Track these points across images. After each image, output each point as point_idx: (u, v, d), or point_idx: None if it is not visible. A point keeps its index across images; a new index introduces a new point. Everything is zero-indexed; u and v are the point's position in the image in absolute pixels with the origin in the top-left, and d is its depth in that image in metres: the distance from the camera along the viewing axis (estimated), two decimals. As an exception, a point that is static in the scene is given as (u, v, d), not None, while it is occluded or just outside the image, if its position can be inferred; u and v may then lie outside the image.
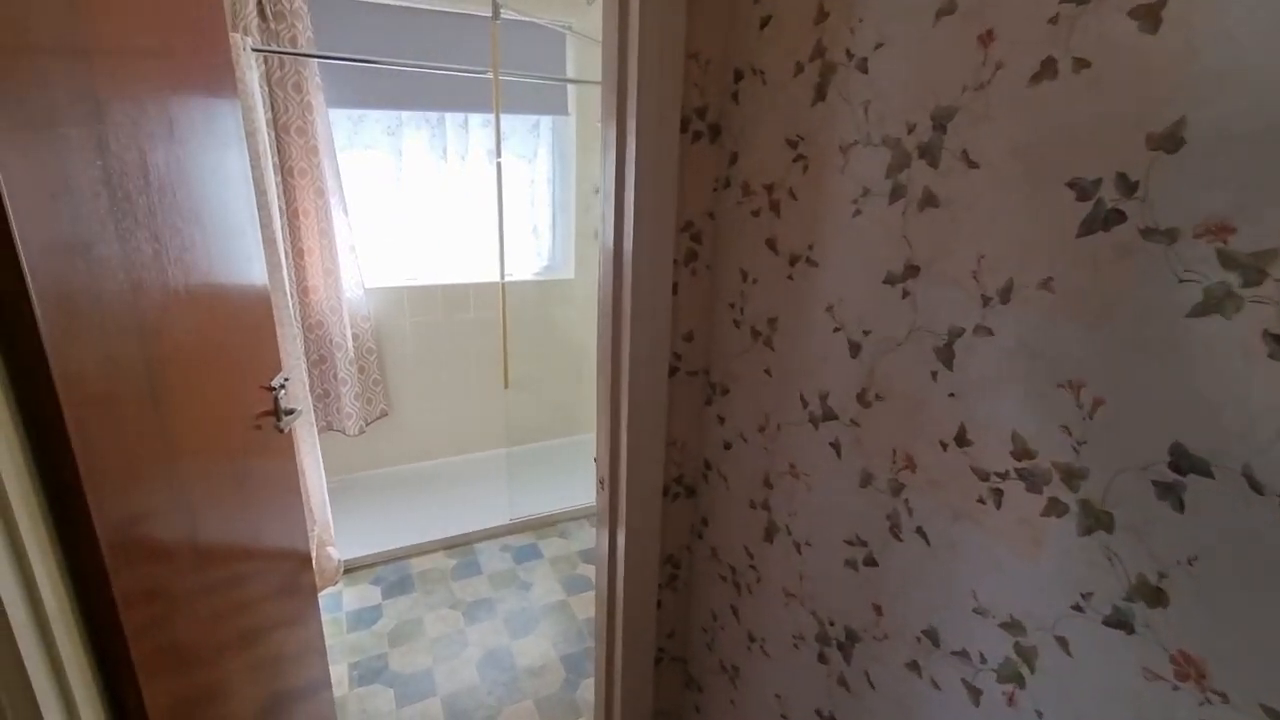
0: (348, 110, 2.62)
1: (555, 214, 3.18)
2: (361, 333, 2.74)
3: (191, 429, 1.00)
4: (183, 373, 0.98)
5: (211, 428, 1.07)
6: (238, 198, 1.25)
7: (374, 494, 2.89)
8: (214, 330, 1.10)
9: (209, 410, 1.07)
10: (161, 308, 0.91)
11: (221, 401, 1.12)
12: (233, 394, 1.17)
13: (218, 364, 1.12)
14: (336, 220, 2.53)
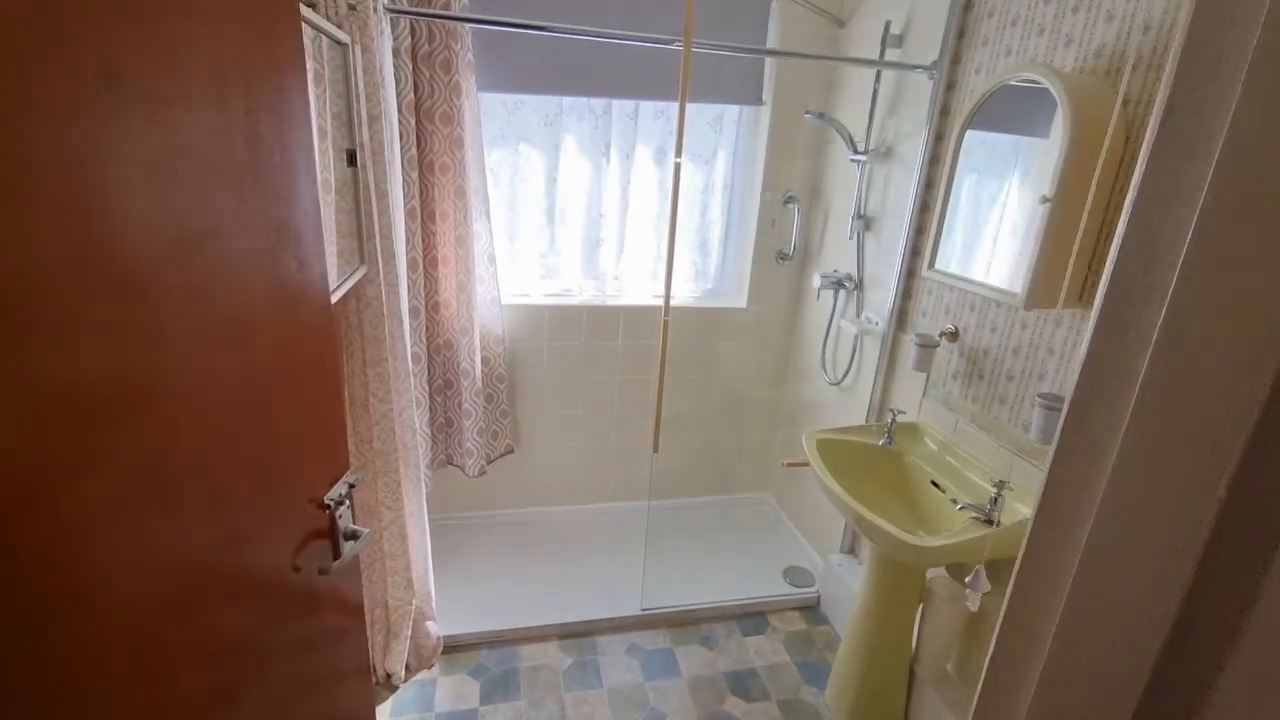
0: (502, 96, 2.21)
1: (729, 228, 2.58)
2: (493, 357, 2.33)
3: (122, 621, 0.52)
4: (122, 499, 0.51)
5: (174, 608, 0.60)
6: (281, 202, 0.78)
7: (487, 542, 2.48)
8: (212, 413, 0.63)
9: (181, 560, 0.60)
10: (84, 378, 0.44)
11: (214, 541, 0.65)
12: (244, 522, 0.70)
13: (219, 470, 0.65)
14: (476, 225, 2.13)
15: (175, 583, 0.61)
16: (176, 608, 0.61)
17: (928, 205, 1.83)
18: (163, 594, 0.59)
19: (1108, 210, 1.27)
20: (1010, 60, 1.53)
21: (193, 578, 0.63)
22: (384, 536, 1.71)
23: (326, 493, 0.86)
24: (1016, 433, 1.51)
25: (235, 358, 0.68)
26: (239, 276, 0.67)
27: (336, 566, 0.85)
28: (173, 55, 0.58)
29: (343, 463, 0.90)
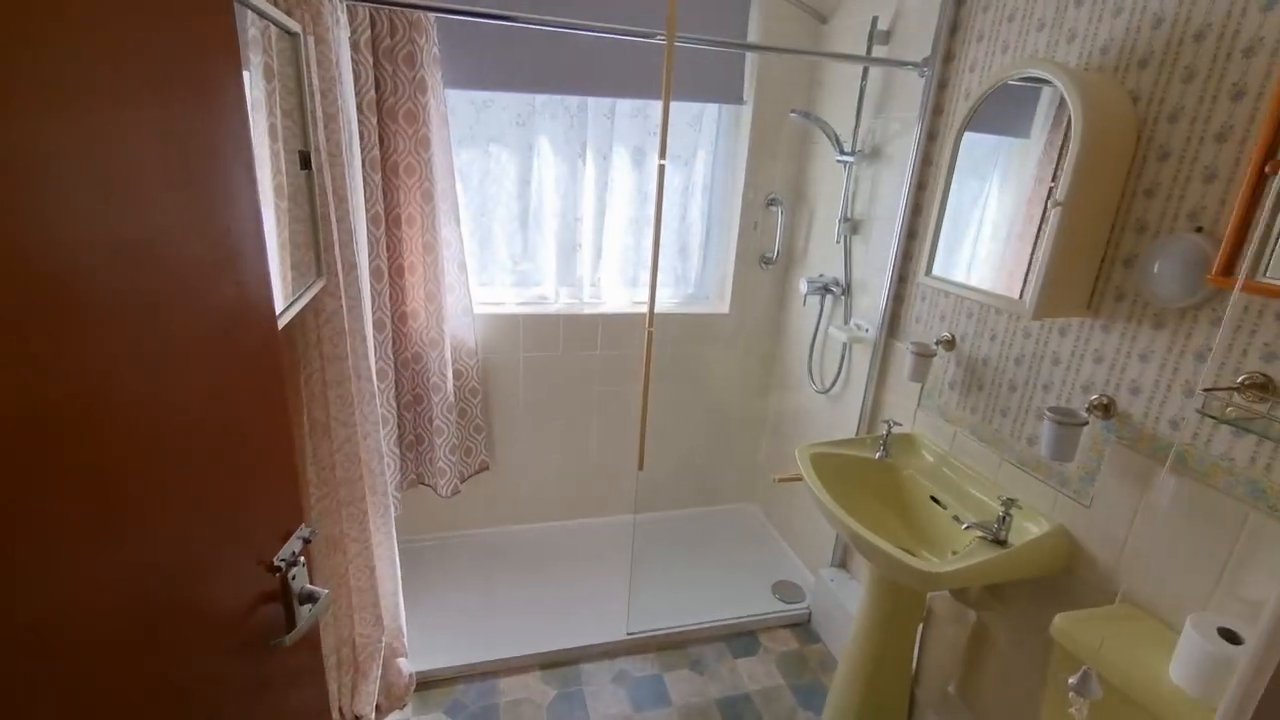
0: (470, 93, 2.08)
1: (710, 231, 2.49)
2: (466, 369, 2.20)
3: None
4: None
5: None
6: (212, 213, 0.66)
7: (461, 565, 2.35)
8: (115, 465, 0.51)
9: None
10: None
11: (128, 619, 0.53)
12: (169, 593, 0.58)
13: (137, 531, 0.53)
14: (445, 231, 2.00)
15: (109, 626, 0.48)
16: (106, 655, 0.49)
17: (920, 208, 1.76)
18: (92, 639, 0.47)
19: (1117, 214, 1.21)
20: (1007, 57, 1.47)
21: (113, 645, 0.51)
22: (349, 570, 1.58)
23: (277, 552, 0.73)
24: (1020, 446, 1.45)
25: (153, 398, 0.55)
26: (154, 303, 0.55)
27: (291, 638, 0.73)
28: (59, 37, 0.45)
29: (294, 515, 0.78)
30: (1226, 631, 0.99)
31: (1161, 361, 1.15)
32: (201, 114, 0.61)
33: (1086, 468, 1.29)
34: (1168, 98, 1.12)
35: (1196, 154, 1.08)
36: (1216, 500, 1.06)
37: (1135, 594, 1.19)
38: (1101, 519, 1.26)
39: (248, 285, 0.69)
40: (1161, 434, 1.15)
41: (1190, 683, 0.99)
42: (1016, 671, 1.48)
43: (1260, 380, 0.99)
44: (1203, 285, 1.05)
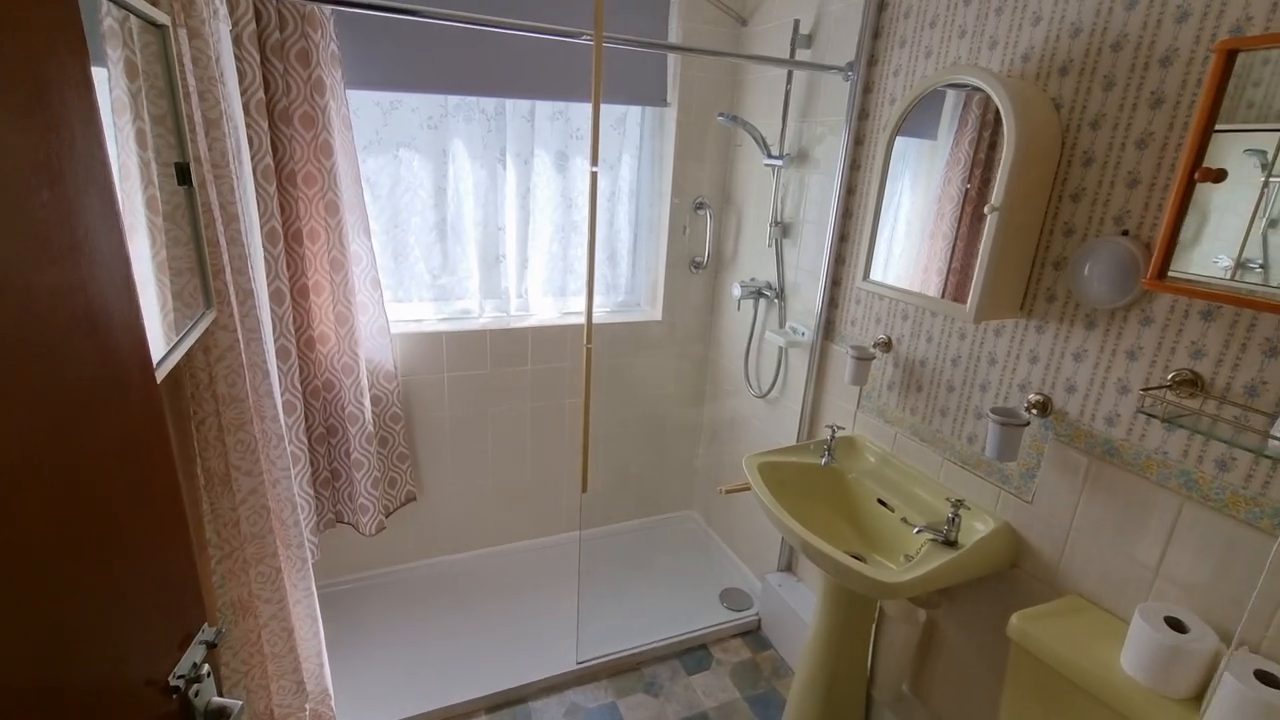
0: (375, 94, 1.91)
1: (638, 237, 2.43)
2: (385, 394, 2.02)
3: None
4: None
5: None
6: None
7: (392, 605, 2.17)
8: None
9: None
10: None
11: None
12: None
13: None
14: (354, 245, 1.82)
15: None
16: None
17: (850, 211, 1.77)
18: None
19: (1046, 218, 1.25)
20: (930, 63, 1.49)
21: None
22: (263, 636, 1.39)
23: (174, 667, 0.59)
24: (961, 445, 1.48)
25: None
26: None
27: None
28: None
29: (194, 614, 0.64)
30: (1173, 620, 1.03)
31: (1095, 360, 1.18)
32: (32, 121, 0.47)
33: (1027, 464, 1.32)
34: (1089, 105, 1.16)
35: (1119, 160, 1.12)
36: (1151, 492, 1.11)
37: (1081, 586, 1.23)
38: (1044, 514, 1.30)
39: (112, 337, 0.54)
40: (1098, 430, 1.19)
41: (1142, 672, 1.03)
42: (968, 666, 1.51)
43: (1189, 377, 1.04)
44: (1133, 287, 1.09)
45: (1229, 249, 0.94)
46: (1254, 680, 0.92)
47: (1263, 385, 0.96)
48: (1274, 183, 0.89)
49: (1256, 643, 0.99)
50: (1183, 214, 0.94)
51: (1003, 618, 1.35)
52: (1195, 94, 1.01)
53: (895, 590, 1.26)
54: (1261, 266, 0.92)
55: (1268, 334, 0.95)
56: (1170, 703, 0.99)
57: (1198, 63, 1.00)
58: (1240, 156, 0.91)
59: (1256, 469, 0.97)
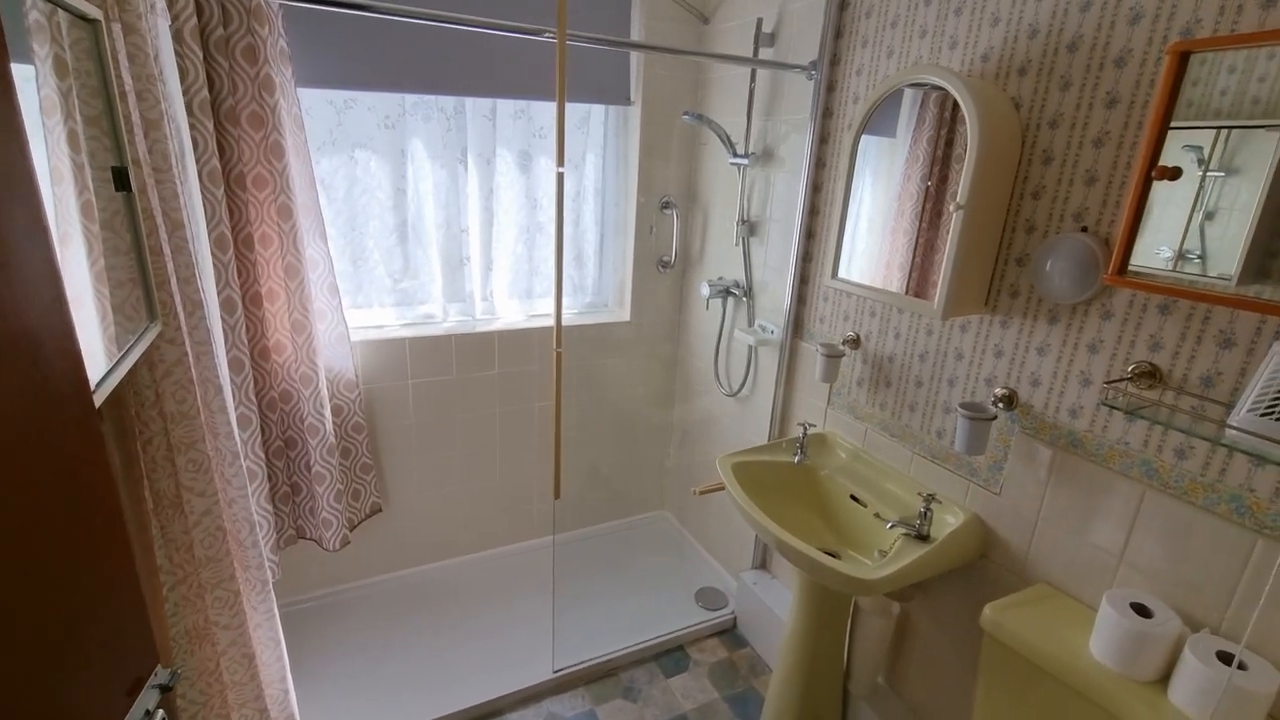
0: (328, 93, 1.84)
1: (605, 237, 2.40)
2: (347, 404, 1.95)
3: None
4: None
5: None
6: None
7: (360, 621, 2.10)
8: None
9: None
10: None
11: None
12: None
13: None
14: (310, 250, 1.75)
15: None
16: None
17: (816, 209, 1.78)
18: None
19: (1008, 215, 1.27)
20: (892, 62, 1.50)
21: None
22: (222, 664, 1.32)
23: (125, 715, 0.55)
24: (930, 439, 1.50)
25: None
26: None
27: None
28: None
29: (145, 656, 0.59)
30: (1138, 606, 1.06)
31: (1058, 354, 1.21)
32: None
33: (994, 457, 1.35)
34: (1047, 104, 1.18)
35: (1077, 158, 1.14)
36: (1114, 481, 1.14)
37: (1049, 574, 1.26)
38: (1012, 505, 1.32)
39: (42, 361, 0.50)
40: (1062, 422, 1.21)
41: (1110, 657, 1.05)
42: (941, 657, 1.53)
43: (1148, 369, 1.07)
44: (1093, 283, 1.11)
45: (1171, 241, 0.97)
46: (1215, 661, 0.95)
47: (1218, 376, 0.99)
48: (1210, 178, 0.93)
49: (1217, 624, 1.02)
50: (1141, 211, 0.97)
51: (974, 608, 1.38)
52: (1149, 94, 1.03)
53: (872, 587, 1.27)
54: (1200, 258, 0.95)
55: (1221, 326, 0.98)
56: (1138, 686, 1.02)
57: (1150, 64, 1.03)
58: (1179, 153, 0.94)
59: (1213, 457, 1.01)
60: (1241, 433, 0.87)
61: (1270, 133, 0.87)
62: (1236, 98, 0.89)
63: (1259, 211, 0.89)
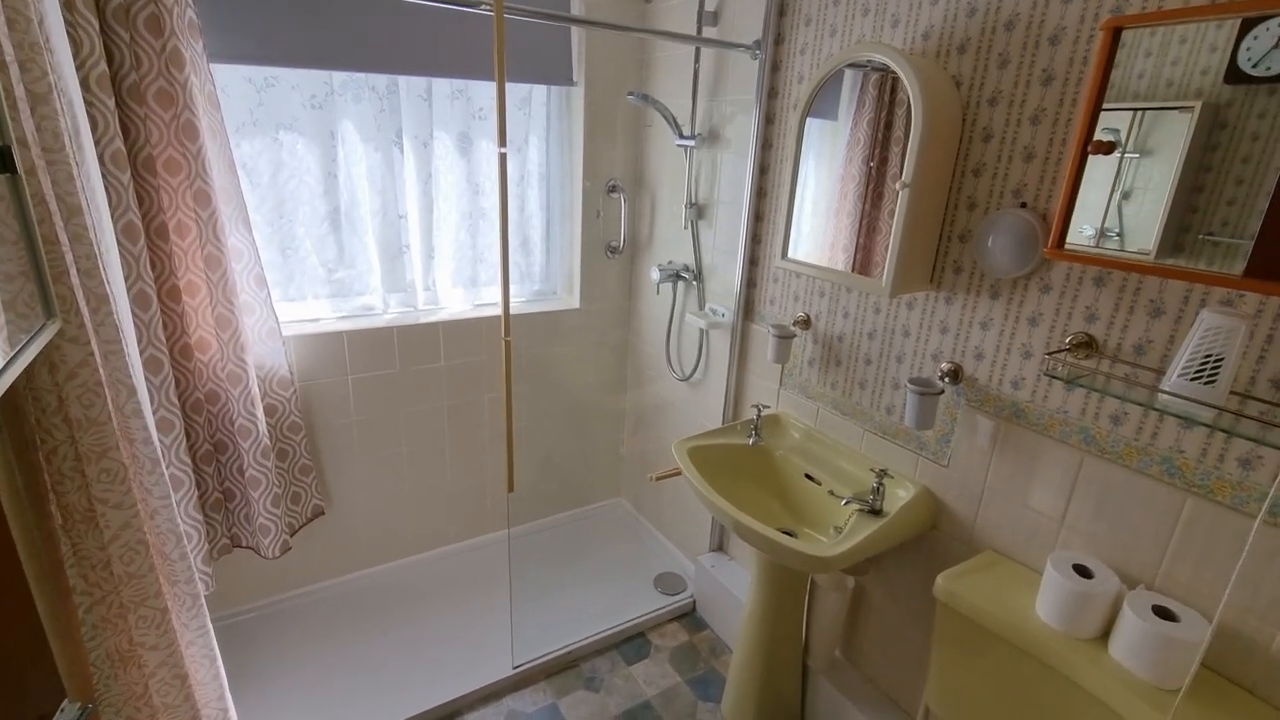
0: (246, 69, 1.71)
1: (551, 223, 2.34)
2: (281, 403, 1.84)
3: None
4: None
5: None
6: None
7: (306, 631, 2.00)
8: None
9: None
10: None
11: None
12: None
13: None
14: (233, 239, 1.63)
15: None
16: None
17: (764, 191, 1.78)
18: None
19: (950, 193, 1.29)
20: (835, 41, 1.50)
21: None
22: (151, 687, 1.23)
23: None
24: (880, 415, 1.52)
25: None
26: None
27: None
28: None
29: (48, 692, 0.52)
30: (1080, 567, 1.10)
31: (1000, 328, 1.24)
32: None
33: (942, 430, 1.38)
34: (986, 82, 1.20)
35: (1015, 135, 1.17)
36: (1055, 449, 1.18)
37: (996, 542, 1.31)
38: (959, 477, 1.36)
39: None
40: (1005, 394, 1.25)
41: (1055, 617, 1.10)
42: (896, 627, 1.57)
43: (1085, 340, 1.11)
44: (1033, 257, 1.14)
45: (1093, 221, 1.01)
46: (1152, 615, 1.00)
47: (1149, 344, 1.03)
48: (1128, 158, 0.97)
49: (1152, 580, 1.07)
50: (1078, 185, 0.99)
51: (926, 578, 1.42)
52: (1082, 71, 1.06)
53: (829, 564, 1.28)
54: (1119, 235, 0.99)
55: (1151, 296, 1.02)
56: (1081, 643, 1.07)
57: (1083, 41, 1.05)
58: (1099, 134, 0.97)
59: (1145, 421, 1.05)
60: (1173, 396, 0.91)
61: (1182, 114, 0.91)
62: (1152, 80, 0.92)
63: (1173, 190, 0.93)
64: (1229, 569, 0.98)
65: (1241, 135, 0.86)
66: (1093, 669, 1.02)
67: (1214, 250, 0.90)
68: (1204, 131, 0.90)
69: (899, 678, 1.59)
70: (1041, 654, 1.08)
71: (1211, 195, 0.90)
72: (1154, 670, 0.98)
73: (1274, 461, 0.92)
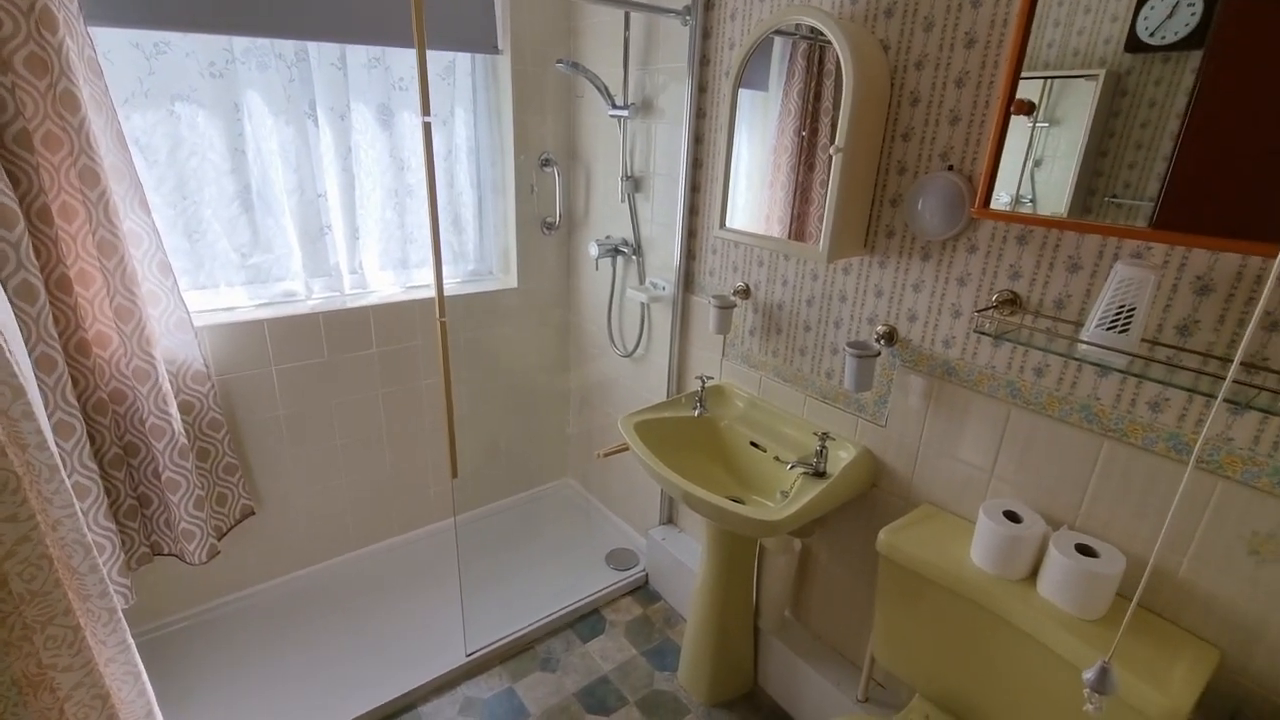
0: (132, 33, 1.55)
1: (483, 199, 2.26)
2: (197, 399, 1.72)
3: None
4: None
5: None
6: None
7: (245, 638, 1.90)
8: None
9: None
10: None
11: None
12: None
13: None
14: (129, 223, 1.50)
15: None
16: None
17: (700, 161, 1.76)
18: None
19: (881, 157, 1.31)
20: (765, 6, 1.49)
21: None
22: (66, 712, 1.13)
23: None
24: (820, 380, 1.56)
25: None
26: None
27: None
28: None
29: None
30: (1010, 513, 1.16)
31: (931, 289, 1.28)
32: None
33: (879, 391, 1.42)
34: (913, 46, 1.22)
35: (941, 98, 1.19)
36: (984, 403, 1.23)
37: (932, 495, 1.36)
38: (897, 435, 1.41)
39: None
40: (937, 353, 1.29)
41: (988, 562, 1.15)
42: (841, 584, 1.63)
43: (1010, 297, 1.15)
44: (961, 218, 1.18)
45: (1009, 188, 1.05)
46: (1075, 553, 1.06)
47: (1068, 298, 1.08)
48: (1039, 128, 1.00)
49: (1074, 520, 1.14)
50: (1002, 145, 1.02)
51: (868, 534, 1.47)
52: (1003, 33, 1.09)
53: (776, 527, 1.30)
54: (1031, 201, 1.04)
55: (1069, 253, 1.07)
56: (1012, 584, 1.13)
57: (1005, 2, 1.08)
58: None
59: (1065, 372, 1.11)
60: (1091, 346, 0.96)
61: (1088, 82, 0.95)
62: (1060, 49, 0.96)
63: (1080, 156, 0.97)
64: (1142, 505, 1.05)
65: (1140, 101, 0.91)
66: (1023, 607, 1.08)
67: (1118, 212, 0.95)
68: (1107, 99, 0.94)
69: (846, 632, 1.65)
70: (977, 597, 1.14)
71: (1115, 160, 0.94)
72: (1078, 604, 1.05)
73: (1180, 403, 0.99)
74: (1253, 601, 0.96)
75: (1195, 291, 0.95)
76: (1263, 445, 0.92)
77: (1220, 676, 1.00)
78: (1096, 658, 0.82)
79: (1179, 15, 0.85)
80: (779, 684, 1.77)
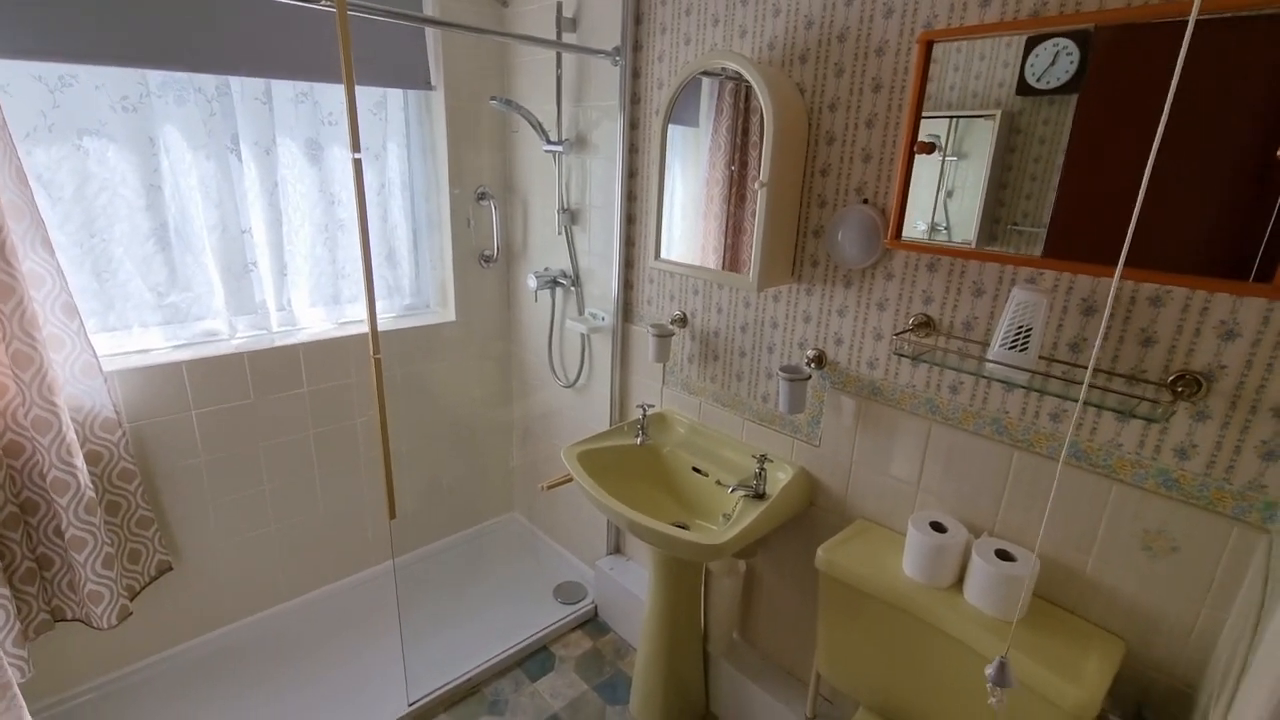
0: (33, 66, 1.47)
1: (418, 233, 2.24)
2: (107, 449, 1.61)
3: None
4: None
5: None
6: None
7: (166, 704, 1.76)
8: None
9: None
10: None
11: None
12: None
13: None
14: (28, 263, 1.41)
15: None
16: None
17: (634, 194, 1.81)
18: None
19: (803, 191, 1.39)
20: (690, 49, 1.56)
21: None
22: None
23: None
24: (757, 404, 1.61)
25: None
26: None
27: None
28: None
29: None
30: (936, 524, 1.23)
31: (854, 314, 1.36)
32: None
33: (812, 413, 1.48)
34: (826, 89, 1.31)
35: (854, 138, 1.28)
36: (907, 420, 1.31)
37: (865, 511, 1.42)
38: (830, 455, 1.46)
39: None
40: (863, 374, 1.36)
41: (918, 572, 1.21)
42: (786, 603, 1.66)
43: (924, 320, 1.23)
44: (877, 248, 1.26)
45: (925, 217, 1.14)
46: (995, 558, 1.13)
47: (975, 320, 1.17)
48: (949, 161, 1.10)
49: (992, 528, 1.22)
50: (908, 181, 1.11)
51: (808, 552, 1.51)
52: (905, 79, 1.18)
53: (721, 550, 1.33)
54: (946, 229, 1.13)
55: (974, 278, 1.16)
56: (941, 591, 1.19)
57: (904, 52, 1.18)
58: (923, 137, 1.10)
59: (977, 388, 1.19)
60: (996, 364, 1.04)
61: (987, 121, 1.05)
62: (961, 92, 1.06)
63: (985, 187, 1.06)
64: (1049, 509, 1.13)
65: (1032, 139, 1.01)
66: (951, 613, 1.14)
67: (1019, 238, 1.04)
68: (1004, 136, 1.03)
69: (793, 650, 1.68)
70: (909, 607, 1.19)
71: (1014, 191, 1.04)
72: (998, 606, 1.11)
73: (1075, 413, 1.08)
74: (1149, 594, 1.05)
75: (1082, 312, 1.04)
76: (1147, 449, 1.01)
77: (1126, 666, 1.08)
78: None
79: (1060, 63, 0.95)
80: (730, 707, 1.78)
